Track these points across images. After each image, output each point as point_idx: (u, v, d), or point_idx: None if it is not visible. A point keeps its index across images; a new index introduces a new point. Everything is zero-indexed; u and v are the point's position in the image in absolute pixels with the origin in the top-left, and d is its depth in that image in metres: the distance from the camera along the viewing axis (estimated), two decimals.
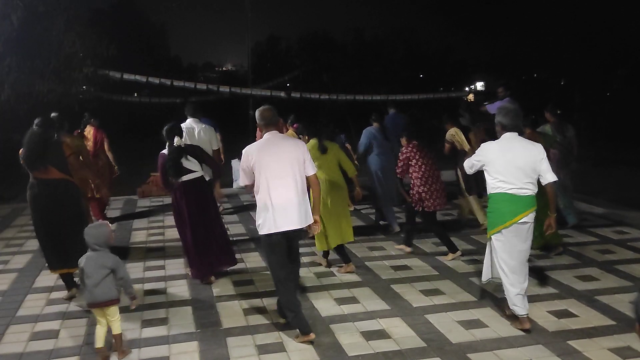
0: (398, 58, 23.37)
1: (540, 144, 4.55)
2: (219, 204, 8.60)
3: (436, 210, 6.35)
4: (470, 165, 4.68)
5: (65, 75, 10.73)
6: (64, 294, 5.36)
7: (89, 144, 7.99)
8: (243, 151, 4.40)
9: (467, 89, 25.66)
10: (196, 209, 5.58)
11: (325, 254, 6.17)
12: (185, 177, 5.53)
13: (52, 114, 6.52)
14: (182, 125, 6.43)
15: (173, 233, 6.86)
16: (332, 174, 5.89)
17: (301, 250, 6.68)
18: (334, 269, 6.03)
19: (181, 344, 4.31)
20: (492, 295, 5.17)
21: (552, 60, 13.72)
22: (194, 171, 5.57)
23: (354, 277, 5.78)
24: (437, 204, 6.28)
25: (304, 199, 4.36)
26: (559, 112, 7.54)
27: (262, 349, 4.20)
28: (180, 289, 5.53)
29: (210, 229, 5.66)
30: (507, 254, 4.45)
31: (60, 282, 5.45)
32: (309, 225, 4.43)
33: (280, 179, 4.26)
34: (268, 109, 4.49)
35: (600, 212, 8.45)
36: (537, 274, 5.62)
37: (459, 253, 6.31)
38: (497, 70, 16.75)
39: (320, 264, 6.19)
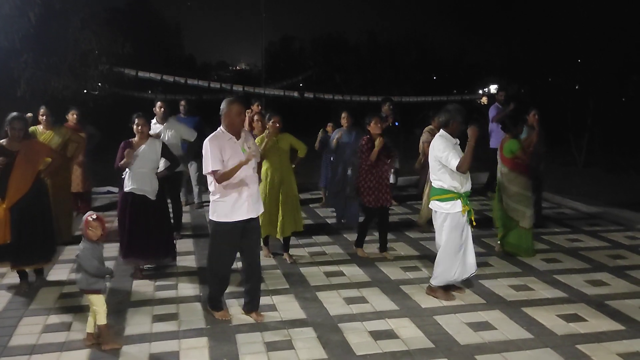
0: (411, 60, 23.32)
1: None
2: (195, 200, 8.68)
3: (374, 207, 6.33)
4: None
5: (81, 72, 10.85)
6: None
7: None
8: None
9: (480, 92, 25.51)
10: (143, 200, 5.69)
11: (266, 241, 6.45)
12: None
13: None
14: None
15: None
16: (283, 163, 6.14)
17: (310, 250, 6.77)
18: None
19: (191, 340, 4.36)
20: (502, 299, 5.17)
21: (567, 65, 13.64)
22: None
23: (363, 277, 5.80)
24: (373, 201, 6.30)
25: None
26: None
27: (271, 346, 4.24)
28: (191, 285, 5.59)
29: (155, 222, 5.75)
30: None
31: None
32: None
33: None
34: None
35: (613, 217, 8.41)
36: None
37: (363, 253, 6.51)
38: (511, 74, 16.63)
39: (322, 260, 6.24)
